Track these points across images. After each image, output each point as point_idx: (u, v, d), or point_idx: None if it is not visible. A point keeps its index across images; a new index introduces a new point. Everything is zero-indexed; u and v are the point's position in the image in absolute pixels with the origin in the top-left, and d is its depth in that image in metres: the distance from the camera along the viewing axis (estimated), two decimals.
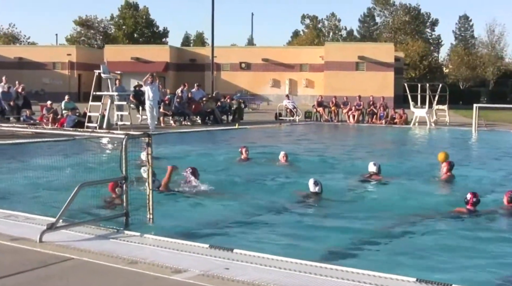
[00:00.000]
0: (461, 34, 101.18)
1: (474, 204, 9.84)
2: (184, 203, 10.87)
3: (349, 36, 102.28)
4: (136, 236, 7.80)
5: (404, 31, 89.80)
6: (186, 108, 31.40)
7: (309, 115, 37.43)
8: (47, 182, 12.09)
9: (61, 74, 60.66)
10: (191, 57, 61.90)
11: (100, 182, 9.01)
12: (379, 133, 30.24)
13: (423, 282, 6.01)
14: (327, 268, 6.50)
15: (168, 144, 19.12)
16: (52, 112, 26.85)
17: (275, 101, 51.44)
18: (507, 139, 27.33)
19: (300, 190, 11.37)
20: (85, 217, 8.68)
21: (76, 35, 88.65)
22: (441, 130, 31.84)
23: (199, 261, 6.73)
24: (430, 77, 72.48)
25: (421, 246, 8.10)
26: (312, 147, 21.73)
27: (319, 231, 8.93)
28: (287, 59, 58.73)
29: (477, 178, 14.30)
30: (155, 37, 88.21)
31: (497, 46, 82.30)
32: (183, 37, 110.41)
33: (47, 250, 7.12)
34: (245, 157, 16.02)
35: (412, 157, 18.50)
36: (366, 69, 54.52)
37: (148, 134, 8.49)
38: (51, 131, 15.10)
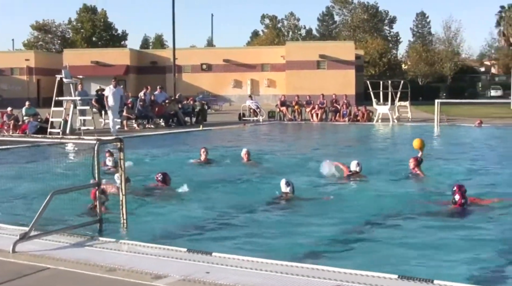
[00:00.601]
0: (419, 31, 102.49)
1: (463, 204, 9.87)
2: (157, 207, 10.76)
3: (309, 35, 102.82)
4: (111, 242, 7.69)
5: (363, 29, 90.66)
6: (149, 111, 31.18)
7: (272, 114, 37.45)
8: (16, 190, 11.87)
9: (19, 80, 59.75)
10: (151, 59, 61.49)
11: (72, 189, 8.85)
12: (344, 131, 30.40)
13: (405, 279, 6.04)
14: (308, 268, 6.49)
15: (133, 148, 18.93)
16: (13, 119, 26.44)
17: (237, 101, 51.42)
18: (469, 133, 27.72)
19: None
20: (59, 225, 8.52)
21: (33, 39, 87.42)
22: (404, 126, 32.15)
23: (178, 266, 6.66)
24: (389, 74, 73.22)
25: (401, 243, 8.13)
26: (279, 147, 21.77)
27: (296, 232, 8.89)
28: (248, 59, 58.71)
29: (446, 172, 14.48)
30: (114, 40, 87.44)
31: (454, 42, 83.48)
32: (142, 40, 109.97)
33: (21, 261, 6.96)
34: (205, 158, 15.94)
35: (380, 154, 18.63)
36: (327, 67, 54.77)
37: (120, 138, 8.41)
38: (19, 138, 14.81)
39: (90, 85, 44.06)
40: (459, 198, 9.82)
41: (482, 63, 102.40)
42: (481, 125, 29.87)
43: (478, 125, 29.96)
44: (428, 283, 5.91)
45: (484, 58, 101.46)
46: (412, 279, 6.01)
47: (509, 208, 10.11)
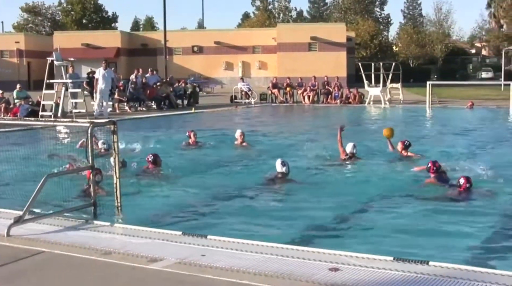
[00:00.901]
0: (410, 12, 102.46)
1: (467, 188, 9.79)
2: (150, 190, 10.76)
3: (300, 17, 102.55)
4: (106, 226, 7.69)
5: (354, 11, 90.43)
6: (141, 93, 31.08)
7: (264, 97, 37.40)
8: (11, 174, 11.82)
9: (9, 63, 59.36)
10: (142, 42, 61.19)
11: (67, 172, 8.83)
12: (335, 113, 30.42)
13: (400, 261, 6.06)
14: (303, 251, 6.51)
15: (124, 131, 18.87)
16: (4, 102, 26.29)
17: (229, 84, 51.32)
18: (461, 115, 27.81)
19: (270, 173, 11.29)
20: (53, 208, 8.50)
21: (23, 22, 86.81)
22: (396, 108, 32.24)
23: (174, 249, 6.66)
24: (380, 56, 73.24)
25: (397, 225, 8.17)
26: (271, 129, 21.77)
27: (292, 214, 8.92)
28: (240, 41, 58.51)
29: (439, 154, 14.51)
30: (104, 22, 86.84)
31: (445, 24, 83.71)
32: (132, 22, 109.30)
33: (16, 244, 6.95)
34: (193, 141, 15.92)
35: (373, 136, 18.63)
36: (319, 49, 54.65)
37: (113, 121, 8.37)
38: (12, 121, 14.73)
39: (81, 67, 43.69)
40: (464, 182, 9.77)
41: (473, 45, 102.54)
42: (473, 107, 29.95)
43: (469, 107, 30.04)
44: (424, 264, 5.94)
45: (475, 40, 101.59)
46: (407, 261, 6.03)
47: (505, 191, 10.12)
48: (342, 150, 13.16)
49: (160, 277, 5.81)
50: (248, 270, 5.90)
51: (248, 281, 5.63)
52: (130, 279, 5.83)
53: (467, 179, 9.80)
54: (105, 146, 13.04)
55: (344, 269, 5.89)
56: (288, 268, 5.95)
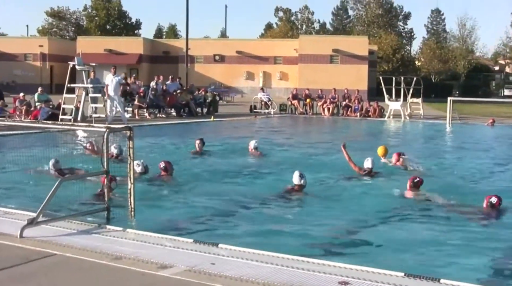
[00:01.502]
0: (433, 27, 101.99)
1: (497, 207, 9.64)
2: (163, 197, 10.79)
3: (322, 29, 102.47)
4: (118, 231, 7.70)
5: (377, 24, 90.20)
6: (160, 100, 31.18)
7: (284, 107, 37.38)
8: (26, 176, 11.89)
9: (32, 66, 59.93)
10: (164, 49, 61.49)
11: (81, 176, 8.86)
12: (354, 126, 30.31)
13: (411, 277, 6.00)
14: (314, 263, 6.46)
15: (143, 137, 18.96)
16: (25, 104, 26.50)
17: (249, 93, 51.39)
18: (481, 132, 27.61)
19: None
20: (67, 211, 8.53)
21: (47, 26, 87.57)
22: (416, 123, 32.06)
23: (184, 256, 6.65)
24: (402, 70, 72.83)
25: (409, 241, 8.09)
26: (289, 140, 21.72)
27: (304, 226, 8.86)
28: (261, 51, 58.62)
29: (456, 170, 14.43)
30: (127, 29, 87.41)
31: (468, 40, 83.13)
32: (155, 29, 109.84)
33: (28, 246, 6.98)
34: (200, 149, 15.88)
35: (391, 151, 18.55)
36: (340, 62, 54.62)
37: (129, 127, 8.38)
38: (30, 124, 14.81)
39: (102, 73, 43.91)
40: (496, 200, 9.62)
41: (497, 61, 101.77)
42: (494, 124, 29.71)
43: (490, 124, 29.81)
44: (435, 282, 5.87)
45: (498, 57, 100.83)
46: (418, 277, 5.97)
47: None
48: (354, 166, 13.04)
49: (169, 284, 5.81)
50: (257, 281, 5.87)
51: None
52: (139, 285, 5.83)
53: (499, 198, 9.63)
54: (116, 151, 13.08)
55: (354, 283, 5.85)
56: (298, 280, 5.91)
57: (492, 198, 9.62)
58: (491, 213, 9.61)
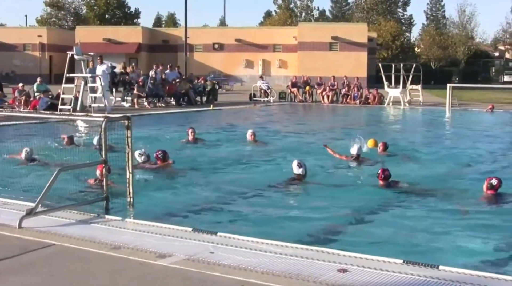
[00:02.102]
0: (433, 14, 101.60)
1: (497, 189, 9.66)
2: (162, 186, 10.79)
3: (322, 17, 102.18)
4: (117, 220, 7.70)
5: (376, 11, 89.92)
6: (160, 89, 31.12)
7: (283, 95, 37.35)
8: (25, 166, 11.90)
9: (31, 56, 59.79)
10: (163, 38, 61.35)
11: (79, 166, 8.86)
12: (354, 114, 30.28)
13: (410, 264, 5.99)
14: (313, 251, 6.46)
15: (143, 126, 18.96)
16: (24, 95, 26.47)
17: (249, 82, 51.30)
18: (480, 118, 27.60)
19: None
20: (65, 201, 8.53)
21: (46, 16, 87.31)
22: (416, 110, 32.05)
23: (183, 245, 6.65)
24: (402, 57, 72.69)
25: (408, 228, 8.09)
26: (288, 128, 21.72)
27: (302, 213, 8.88)
28: (260, 39, 58.46)
29: (453, 157, 14.43)
30: (126, 18, 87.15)
31: (468, 26, 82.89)
32: (154, 18, 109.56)
33: (27, 236, 6.98)
34: (192, 138, 15.86)
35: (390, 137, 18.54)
36: (340, 49, 54.47)
37: (127, 116, 8.36)
38: (29, 114, 14.84)
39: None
40: (496, 182, 9.64)
41: (496, 48, 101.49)
42: (493, 110, 29.69)
43: (490, 110, 29.79)
44: (434, 268, 5.87)
45: (498, 43, 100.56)
46: (417, 264, 5.97)
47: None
48: (340, 156, 13.11)
49: (167, 274, 5.81)
50: (256, 269, 5.87)
51: (255, 279, 5.61)
52: (137, 274, 5.82)
53: (499, 180, 9.65)
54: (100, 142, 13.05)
55: (353, 270, 5.84)
56: (296, 268, 5.91)
57: (492, 180, 9.66)
58: (490, 199, 9.62)
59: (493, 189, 9.60)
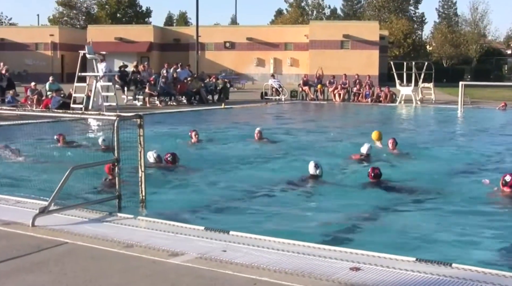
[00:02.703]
0: (445, 12, 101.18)
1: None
2: (174, 185, 10.82)
3: (333, 15, 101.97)
4: (129, 218, 7.72)
5: (387, 9, 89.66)
6: (171, 88, 31.17)
7: (294, 94, 37.31)
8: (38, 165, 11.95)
9: (44, 55, 60.01)
10: (175, 37, 61.39)
11: (92, 164, 8.89)
12: (365, 112, 30.19)
13: (423, 262, 5.98)
14: (325, 249, 6.46)
15: (154, 125, 19.00)
16: (36, 94, 26.56)
17: (260, 80, 51.26)
18: (493, 116, 27.46)
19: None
20: (78, 200, 8.56)
21: (58, 15, 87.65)
22: (428, 108, 31.95)
23: (195, 244, 6.66)
24: (414, 55, 72.46)
25: (420, 225, 8.07)
26: (301, 126, 21.71)
27: (315, 212, 8.87)
28: (272, 38, 58.38)
29: (466, 155, 14.37)
30: (138, 17, 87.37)
31: (480, 24, 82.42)
32: (166, 17, 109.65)
33: (40, 235, 7.01)
34: (195, 140, 15.82)
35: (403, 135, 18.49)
36: (351, 47, 54.30)
37: (139, 115, 8.37)
38: (42, 113, 14.88)
39: (113, 61, 44.00)
40: (510, 179, 9.61)
41: (509, 45, 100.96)
42: (505, 108, 29.53)
43: (502, 108, 29.63)
44: (447, 266, 5.86)
45: (511, 40, 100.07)
46: (430, 262, 5.95)
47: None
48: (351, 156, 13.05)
49: (180, 272, 5.81)
50: (268, 267, 5.87)
51: (268, 278, 5.61)
52: (149, 272, 5.84)
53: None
54: (105, 143, 13.11)
55: (366, 269, 5.84)
56: (308, 266, 5.91)
57: (506, 176, 9.64)
58: (505, 195, 9.59)
59: (508, 186, 9.58)
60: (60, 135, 14.65)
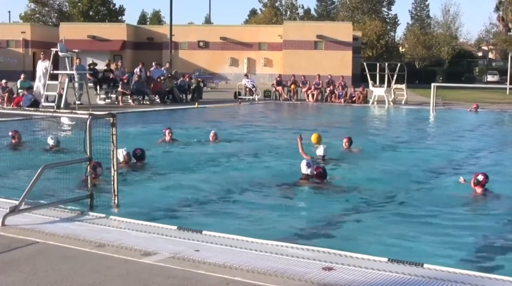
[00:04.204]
0: (417, 13, 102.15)
1: (483, 185, 9.79)
2: (147, 184, 10.75)
3: (307, 15, 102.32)
4: (101, 218, 7.67)
5: (361, 10, 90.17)
6: (144, 87, 31.01)
7: (268, 94, 37.36)
8: (7, 163, 11.80)
9: (15, 52, 59.40)
10: (148, 35, 61.14)
11: (64, 163, 8.81)
12: (338, 112, 30.33)
13: (395, 262, 6.02)
14: (298, 249, 6.47)
15: (127, 124, 18.89)
16: (7, 91, 26.27)
17: (234, 80, 51.27)
18: (464, 118, 27.76)
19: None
20: (49, 199, 8.47)
21: (30, 12, 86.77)
22: (400, 109, 32.18)
23: (168, 243, 6.64)
24: (387, 56, 73.02)
25: (392, 226, 8.12)
26: (272, 126, 21.73)
27: (289, 213, 8.88)
28: (246, 37, 58.44)
29: (439, 156, 14.49)
30: (111, 15, 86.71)
31: (452, 26, 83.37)
32: (139, 15, 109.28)
33: (10, 234, 6.93)
34: (169, 139, 15.76)
35: (373, 136, 18.61)
36: (325, 48, 54.56)
37: (112, 114, 8.31)
38: (12, 111, 14.70)
39: (86, 59, 43.64)
40: (483, 178, 9.75)
41: (480, 48, 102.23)
42: (477, 110, 29.87)
43: (474, 109, 29.96)
44: (418, 266, 5.90)
45: (482, 43, 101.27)
46: (402, 263, 5.99)
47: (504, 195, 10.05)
48: (305, 155, 12.87)
49: (152, 272, 5.79)
50: (241, 267, 5.87)
51: (240, 278, 5.60)
52: (122, 272, 5.80)
53: (486, 176, 9.77)
54: (53, 142, 13.01)
55: (338, 268, 5.86)
56: (281, 265, 5.92)
57: (479, 176, 9.80)
58: (475, 195, 9.72)
59: (479, 185, 9.71)
60: (15, 132, 14.42)
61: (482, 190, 9.74)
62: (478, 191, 9.74)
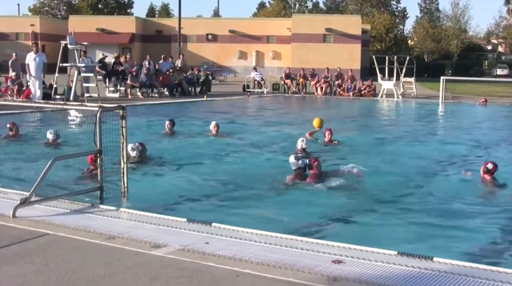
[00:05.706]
0: (426, 7, 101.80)
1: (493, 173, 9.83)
2: (156, 177, 10.77)
3: (315, 8, 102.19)
4: (111, 210, 7.68)
5: (370, 4, 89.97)
6: (153, 80, 31.05)
7: (276, 87, 37.36)
8: (19, 156, 11.85)
9: (24, 45, 59.45)
10: (157, 28, 61.15)
11: (73, 156, 8.83)
12: (347, 106, 30.31)
13: (404, 255, 6.01)
14: (307, 242, 6.47)
15: (136, 117, 18.92)
16: (17, 84, 26.35)
17: (242, 73, 51.25)
18: (473, 111, 27.67)
19: None
20: (59, 191, 8.50)
21: (39, 5, 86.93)
22: (408, 102, 32.10)
23: (177, 236, 6.64)
24: (395, 49, 72.75)
25: (402, 219, 8.12)
26: (282, 119, 21.71)
27: (298, 206, 8.88)
28: (254, 30, 58.38)
29: (448, 149, 14.45)
30: (119, 7, 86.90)
31: (461, 19, 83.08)
32: (148, 8, 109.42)
33: (21, 226, 6.95)
34: (170, 130, 15.75)
35: (382, 129, 18.57)
36: (333, 41, 54.46)
37: (122, 106, 8.32)
38: (22, 103, 14.74)
39: (95, 52, 43.73)
40: (492, 166, 9.76)
41: (489, 41, 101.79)
42: (486, 104, 29.77)
43: (482, 103, 29.87)
44: (428, 260, 5.89)
45: (491, 36, 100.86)
46: (411, 256, 5.98)
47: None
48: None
49: (162, 264, 5.80)
50: (251, 259, 5.87)
51: (250, 270, 5.61)
52: (132, 264, 5.81)
53: (495, 165, 9.79)
54: (52, 136, 13.02)
55: (348, 261, 5.85)
56: (291, 258, 5.92)
57: (488, 164, 9.82)
58: (483, 188, 9.72)
59: (489, 173, 9.73)
60: (12, 124, 14.39)
61: (491, 178, 9.75)
62: (487, 178, 9.76)
